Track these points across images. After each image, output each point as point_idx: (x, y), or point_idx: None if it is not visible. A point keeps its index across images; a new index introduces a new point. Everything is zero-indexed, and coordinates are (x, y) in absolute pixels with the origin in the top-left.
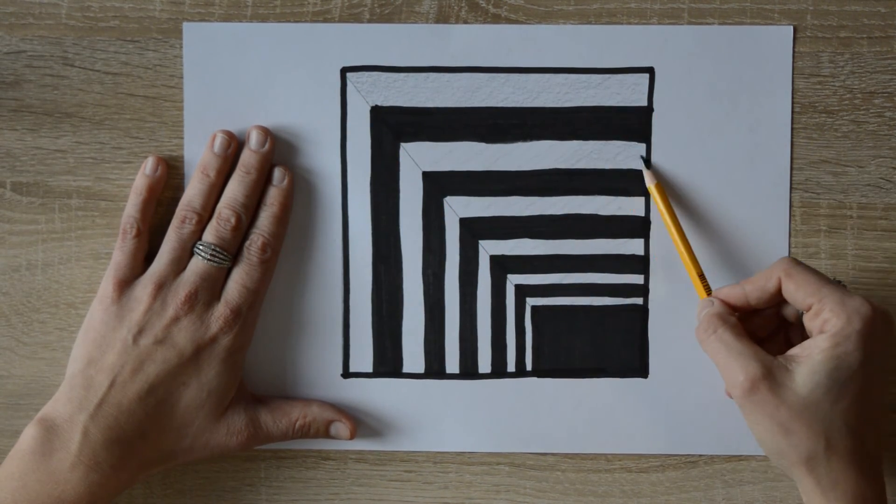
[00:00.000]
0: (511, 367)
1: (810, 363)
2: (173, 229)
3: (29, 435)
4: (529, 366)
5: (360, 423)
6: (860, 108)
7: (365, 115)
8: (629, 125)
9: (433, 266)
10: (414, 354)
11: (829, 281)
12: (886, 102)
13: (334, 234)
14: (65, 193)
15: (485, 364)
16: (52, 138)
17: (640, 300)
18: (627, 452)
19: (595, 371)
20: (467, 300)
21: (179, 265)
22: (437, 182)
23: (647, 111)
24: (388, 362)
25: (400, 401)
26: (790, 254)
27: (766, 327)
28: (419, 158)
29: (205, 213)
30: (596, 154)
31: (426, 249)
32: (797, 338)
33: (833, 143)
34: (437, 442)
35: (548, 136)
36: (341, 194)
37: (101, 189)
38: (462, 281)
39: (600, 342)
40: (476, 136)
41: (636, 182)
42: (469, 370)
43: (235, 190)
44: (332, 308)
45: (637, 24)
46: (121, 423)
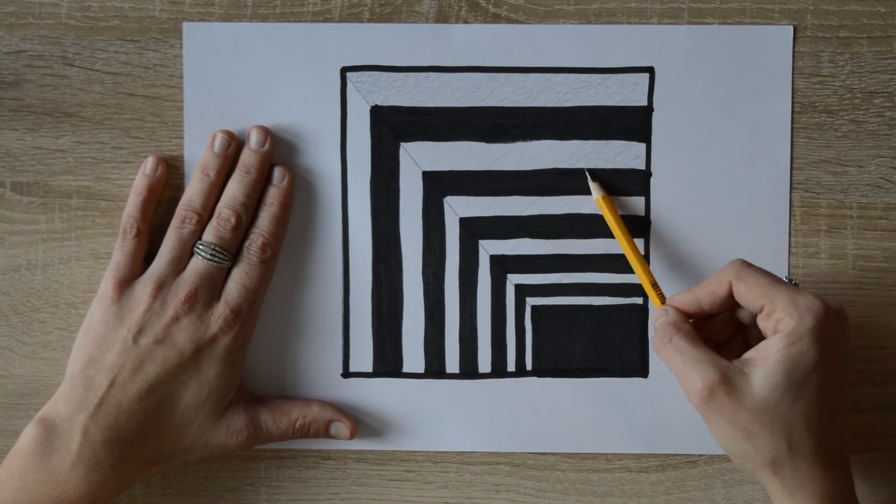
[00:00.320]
0: (511, 367)
1: (766, 365)
2: (173, 229)
3: (29, 434)
4: (529, 366)
5: (360, 423)
6: (860, 108)
7: (365, 115)
8: (629, 125)
9: (433, 266)
10: (414, 354)
11: (779, 281)
12: (886, 102)
13: (334, 234)
14: (65, 193)
15: (485, 364)
16: (52, 138)
17: (640, 300)
18: (627, 452)
19: (595, 371)
20: (467, 300)
21: (179, 265)
22: (437, 182)
23: (647, 111)
24: (388, 362)
25: (400, 401)
26: (790, 254)
27: (723, 331)
28: (419, 158)
29: (205, 212)
30: (596, 154)
31: (426, 249)
32: (755, 340)
33: (833, 143)
34: (437, 442)
35: (548, 135)
36: (341, 194)
37: (101, 189)
38: (462, 281)
39: (600, 342)
40: (476, 136)
41: (636, 182)
42: (469, 370)
43: (235, 190)
44: (332, 308)
45: (637, 23)
46: (121, 423)
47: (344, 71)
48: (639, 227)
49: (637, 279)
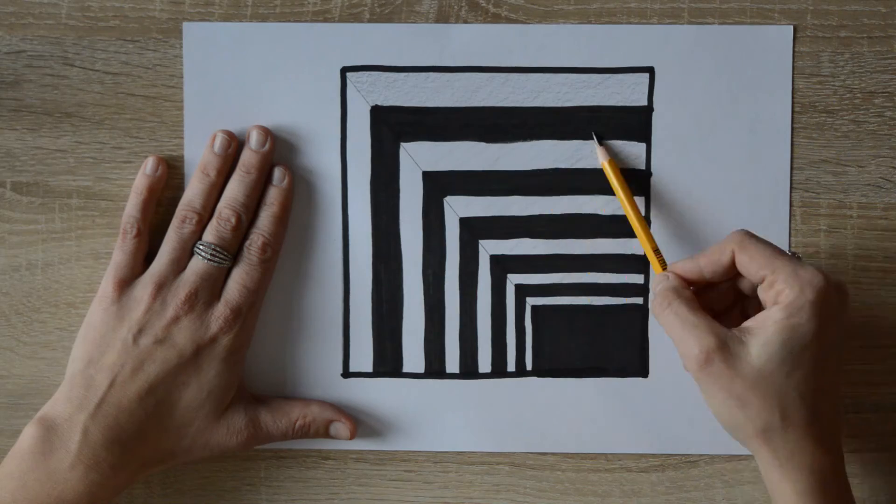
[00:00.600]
0: (511, 367)
1: (764, 334)
2: (173, 229)
3: (29, 434)
4: (529, 366)
5: (360, 423)
6: (860, 107)
7: (365, 115)
8: (629, 125)
9: (433, 266)
10: (414, 354)
11: (782, 253)
12: (886, 102)
13: (334, 234)
14: (65, 193)
15: (485, 364)
16: (52, 138)
17: (640, 300)
18: (627, 452)
19: (595, 371)
20: (467, 300)
21: (179, 265)
22: (437, 182)
23: (647, 111)
24: (388, 362)
25: (400, 401)
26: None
27: (723, 301)
28: (419, 158)
29: (205, 212)
30: (596, 154)
31: (426, 249)
32: (753, 311)
33: (833, 143)
34: (437, 442)
35: (548, 135)
36: (341, 194)
37: (101, 189)
38: (462, 281)
39: (600, 342)
40: (476, 136)
41: (636, 182)
42: (469, 370)
43: (235, 190)
44: (332, 308)
45: (637, 23)
46: (121, 423)
47: (344, 71)
48: None
49: (637, 279)
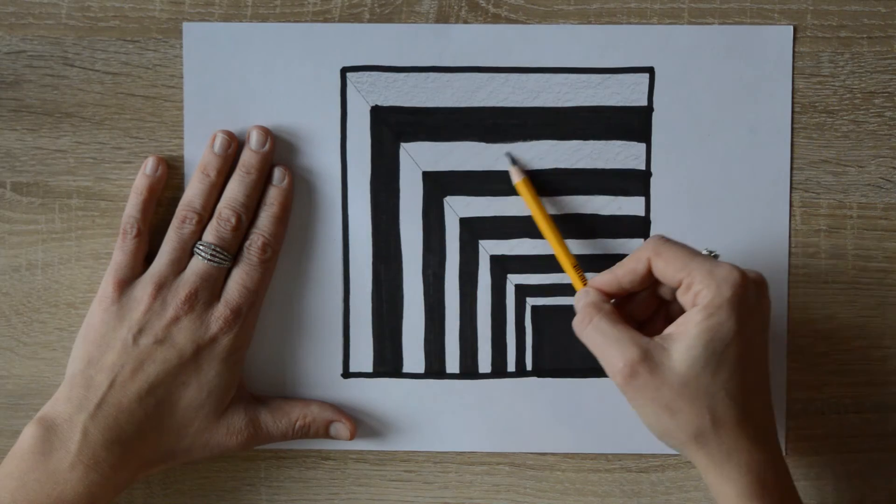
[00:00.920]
0: (511, 367)
1: (686, 339)
2: (173, 229)
3: (28, 434)
4: (529, 366)
5: (360, 423)
6: (860, 108)
7: (365, 115)
8: (629, 125)
9: (433, 266)
10: (414, 354)
11: (697, 254)
12: (886, 102)
13: (334, 234)
14: (65, 193)
15: (485, 364)
16: (52, 138)
17: None
18: (627, 452)
19: (595, 371)
20: (467, 300)
21: (179, 265)
22: (437, 182)
23: (647, 111)
24: (388, 362)
25: (400, 401)
26: (790, 254)
27: (646, 309)
28: (419, 158)
29: (205, 213)
30: (596, 154)
31: (426, 249)
32: (677, 316)
33: (833, 143)
34: (437, 442)
35: (548, 135)
36: (341, 194)
37: (101, 189)
38: (462, 281)
39: None
40: (476, 136)
41: (636, 182)
42: (469, 370)
43: (235, 190)
44: (332, 308)
45: (637, 24)
46: (120, 423)
47: (344, 71)
48: (639, 227)
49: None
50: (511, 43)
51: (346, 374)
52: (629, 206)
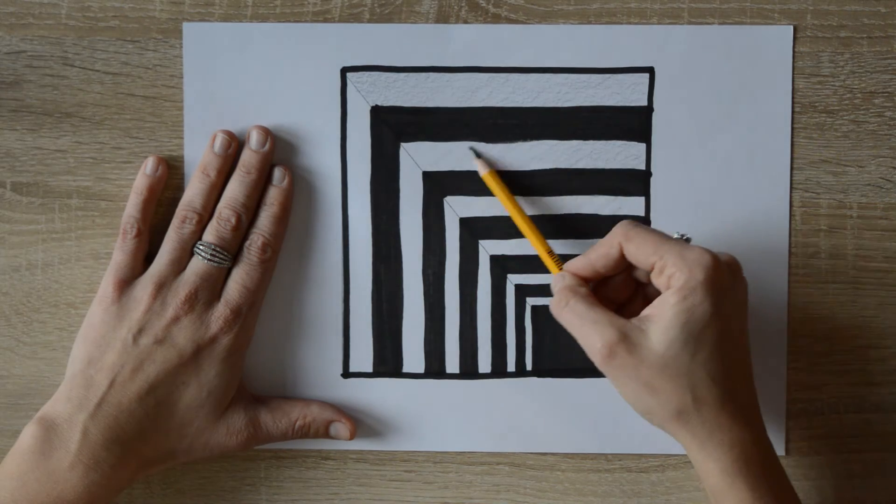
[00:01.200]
0: (511, 367)
1: (663, 320)
2: (173, 229)
3: (28, 434)
4: (529, 366)
5: (360, 423)
6: (860, 108)
7: (365, 115)
8: (629, 125)
9: (433, 266)
10: (414, 354)
11: (667, 238)
12: (886, 102)
13: (334, 234)
14: (65, 193)
15: (485, 364)
16: (52, 138)
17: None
18: (627, 452)
19: (595, 371)
20: (467, 300)
21: (179, 265)
22: (437, 182)
23: (647, 111)
24: (388, 362)
25: (400, 401)
26: (790, 254)
27: (623, 292)
28: (419, 158)
29: (205, 213)
30: (596, 154)
31: (426, 249)
32: (654, 297)
33: (833, 143)
34: (437, 442)
35: (548, 136)
36: (341, 194)
37: (101, 189)
38: (462, 281)
39: None
40: (476, 136)
41: (636, 182)
42: (469, 370)
43: (236, 190)
44: (332, 308)
45: (637, 24)
46: (120, 423)
47: (344, 71)
48: None
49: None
50: (511, 43)
51: (346, 374)
52: (629, 206)
